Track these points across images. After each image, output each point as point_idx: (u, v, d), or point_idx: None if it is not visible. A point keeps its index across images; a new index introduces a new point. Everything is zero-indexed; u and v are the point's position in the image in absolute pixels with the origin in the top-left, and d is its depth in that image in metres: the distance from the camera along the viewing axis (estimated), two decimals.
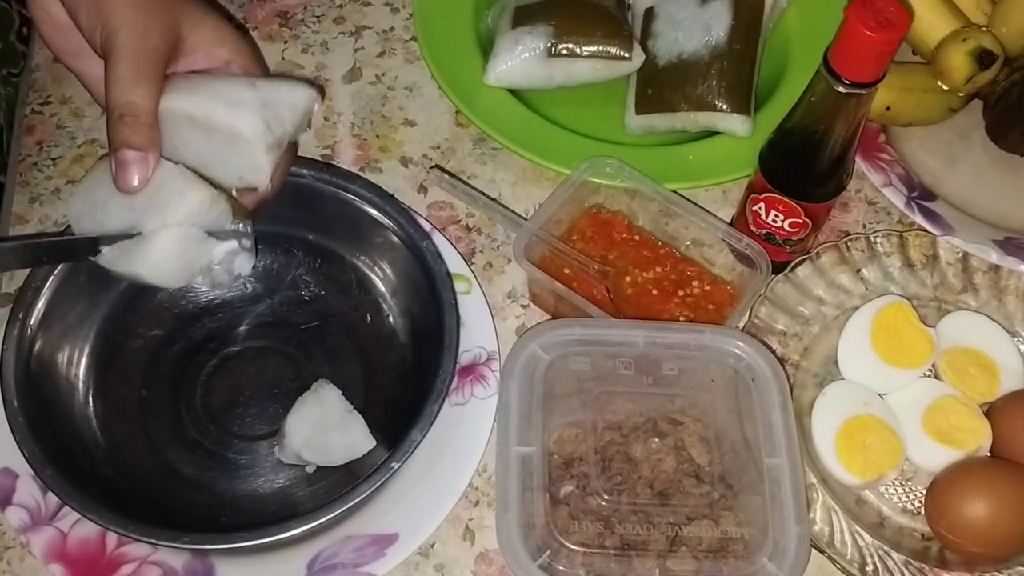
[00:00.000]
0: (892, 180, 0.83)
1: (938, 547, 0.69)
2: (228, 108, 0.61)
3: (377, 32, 0.95)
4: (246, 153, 0.62)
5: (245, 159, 0.62)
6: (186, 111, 0.61)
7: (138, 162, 0.59)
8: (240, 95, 0.62)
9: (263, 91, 0.62)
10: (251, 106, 0.61)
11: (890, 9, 0.61)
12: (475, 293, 0.77)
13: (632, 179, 0.78)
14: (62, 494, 0.61)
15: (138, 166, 0.59)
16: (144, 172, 0.59)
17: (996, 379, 0.73)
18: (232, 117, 0.61)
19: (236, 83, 0.63)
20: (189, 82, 0.62)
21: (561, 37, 0.85)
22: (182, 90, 0.61)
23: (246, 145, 0.61)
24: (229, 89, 0.62)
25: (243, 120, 0.61)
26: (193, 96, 0.61)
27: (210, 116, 0.61)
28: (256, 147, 0.62)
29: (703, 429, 0.68)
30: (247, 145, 0.61)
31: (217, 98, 0.61)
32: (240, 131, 0.61)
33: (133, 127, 0.59)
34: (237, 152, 0.62)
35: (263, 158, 0.62)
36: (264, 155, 0.62)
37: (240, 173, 0.63)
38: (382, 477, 0.62)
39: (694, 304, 0.76)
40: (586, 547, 0.62)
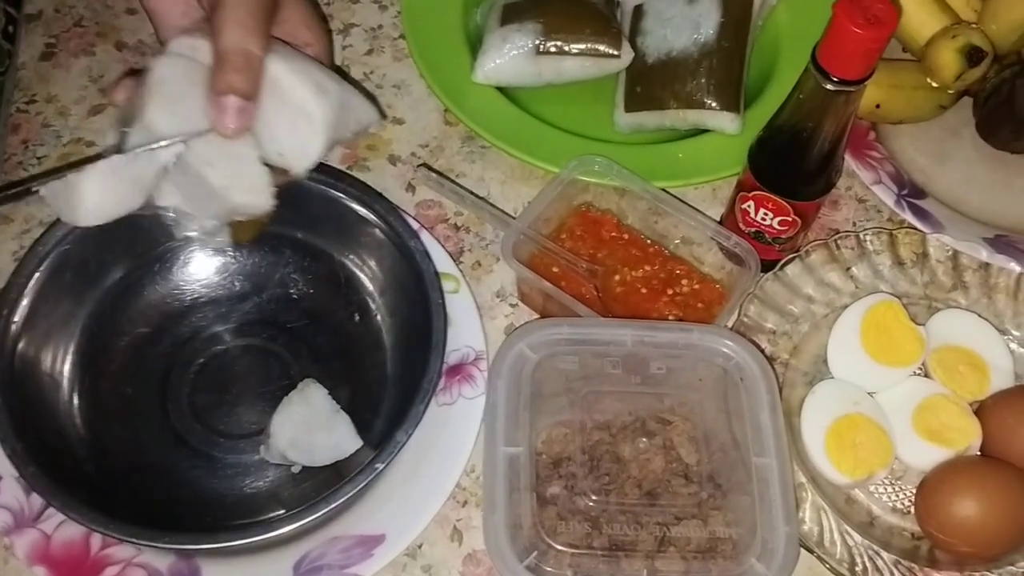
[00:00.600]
0: (882, 178, 0.83)
1: (928, 546, 0.69)
2: (314, 89, 0.61)
3: (365, 30, 0.94)
4: (305, 136, 0.62)
5: (300, 140, 0.62)
6: (275, 74, 0.61)
7: (240, 110, 0.59)
8: (328, 86, 0.62)
9: (346, 93, 0.64)
10: (333, 99, 0.62)
11: (878, 6, 0.60)
12: (463, 292, 0.76)
13: (621, 177, 0.78)
14: (44, 492, 0.61)
15: (239, 114, 0.59)
16: (243, 121, 0.59)
17: (986, 377, 0.73)
18: (314, 98, 0.61)
19: (328, 74, 0.63)
20: (286, 49, 0.62)
21: (549, 35, 0.84)
22: (278, 54, 0.61)
23: (311, 129, 0.62)
24: (321, 76, 0.62)
25: (322, 106, 0.61)
26: (287, 64, 0.61)
27: (294, 88, 0.61)
28: (319, 135, 0.62)
29: (692, 428, 0.68)
30: (312, 130, 0.62)
31: (308, 76, 0.61)
32: (314, 114, 0.61)
33: (244, 73, 0.59)
34: (297, 131, 0.62)
35: (317, 147, 0.62)
36: (321, 147, 0.62)
37: (285, 150, 0.62)
38: (367, 478, 0.62)
39: (683, 303, 0.76)
40: (574, 548, 0.62)
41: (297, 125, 0.62)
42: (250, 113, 0.60)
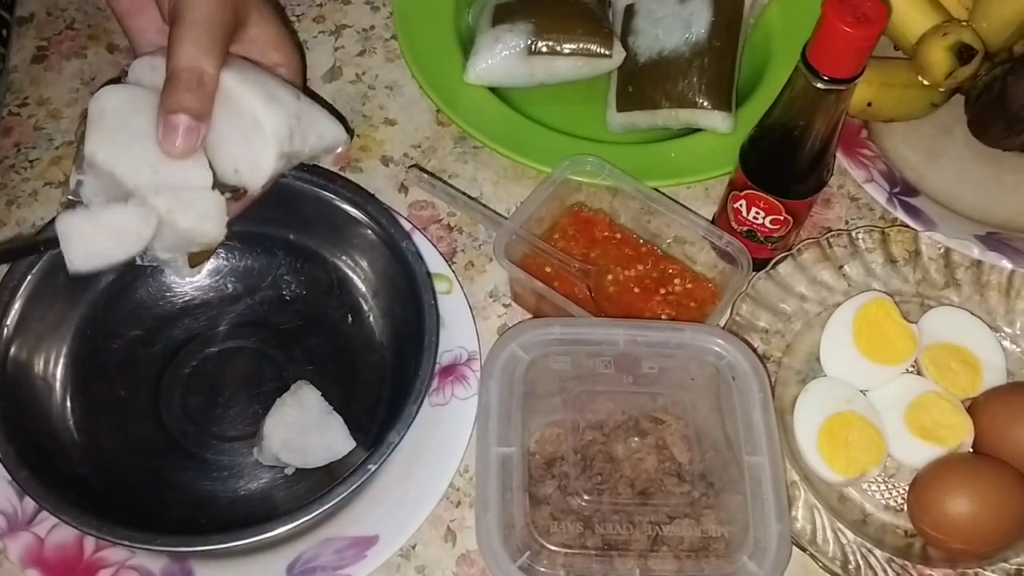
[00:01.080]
0: (874, 176, 0.83)
1: (921, 544, 0.69)
2: (265, 100, 0.60)
3: (357, 31, 0.94)
4: (257, 148, 0.61)
5: (253, 154, 0.61)
6: (227, 87, 0.60)
7: (190, 130, 0.58)
8: (282, 96, 0.62)
9: (304, 106, 0.63)
10: (286, 110, 0.61)
11: (867, 4, 0.60)
12: (456, 293, 0.76)
13: (613, 177, 0.78)
14: (36, 496, 0.61)
15: (187, 134, 0.58)
16: (191, 143, 0.58)
17: (978, 375, 0.73)
18: (264, 109, 0.60)
19: (284, 87, 0.63)
20: (242, 63, 0.62)
21: (541, 35, 0.84)
22: (231, 66, 0.61)
23: (262, 141, 0.61)
24: (276, 87, 0.62)
25: (272, 116, 0.60)
26: (239, 75, 0.61)
27: (244, 98, 0.60)
28: (269, 147, 0.61)
29: (684, 428, 0.68)
30: (263, 141, 0.61)
31: (260, 87, 0.61)
32: (263, 124, 0.60)
33: (196, 93, 0.58)
34: (249, 144, 0.61)
35: (270, 160, 0.61)
36: (272, 158, 0.61)
37: (239, 166, 0.61)
38: (359, 479, 0.62)
39: (676, 302, 0.76)
40: (567, 547, 0.62)
41: (249, 136, 0.61)
42: (199, 134, 0.59)
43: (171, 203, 0.60)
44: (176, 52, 0.58)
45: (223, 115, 0.60)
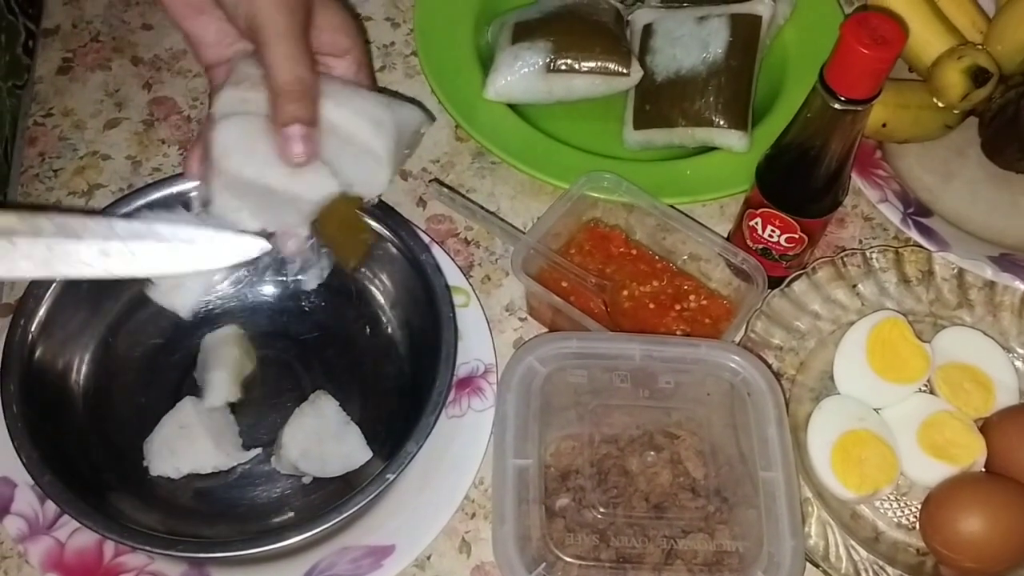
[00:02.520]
0: (888, 196, 0.84)
1: (933, 562, 0.69)
2: (372, 128, 0.64)
3: (378, 47, 0.95)
4: (372, 170, 0.65)
5: (367, 174, 0.65)
6: (332, 120, 0.63)
7: (306, 137, 0.61)
8: (380, 116, 0.65)
9: (396, 113, 0.66)
10: (389, 129, 0.65)
11: (885, 27, 0.61)
12: (473, 306, 0.77)
13: (630, 194, 0.78)
14: (59, 500, 0.62)
15: (306, 141, 0.61)
16: (311, 147, 0.61)
17: (991, 395, 0.73)
18: (375, 138, 0.64)
19: (376, 102, 0.65)
20: (334, 89, 0.64)
21: (560, 53, 0.85)
22: (328, 97, 0.63)
23: (377, 165, 0.65)
24: (371, 107, 0.65)
25: (382, 142, 0.64)
26: (340, 107, 0.63)
27: (355, 131, 0.64)
28: (385, 168, 0.65)
29: (699, 443, 0.68)
30: (378, 165, 0.65)
31: (363, 115, 0.64)
32: (378, 152, 0.64)
33: (303, 102, 0.61)
34: (363, 166, 0.65)
35: (384, 177, 0.66)
36: (387, 176, 0.66)
37: (352, 183, 0.65)
38: (377, 488, 0.62)
39: (691, 318, 0.77)
40: (582, 560, 0.63)
41: (364, 161, 0.64)
42: (315, 138, 0.62)
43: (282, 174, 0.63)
44: (273, 70, 0.60)
45: (332, 142, 0.63)
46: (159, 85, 0.91)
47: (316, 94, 0.62)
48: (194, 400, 0.71)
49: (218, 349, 0.73)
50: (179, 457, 0.68)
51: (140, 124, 0.89)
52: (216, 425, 0.70)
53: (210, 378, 0.72)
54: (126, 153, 0.87)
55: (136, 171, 0.86)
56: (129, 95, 0.91)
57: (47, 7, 0.96)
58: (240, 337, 0.74)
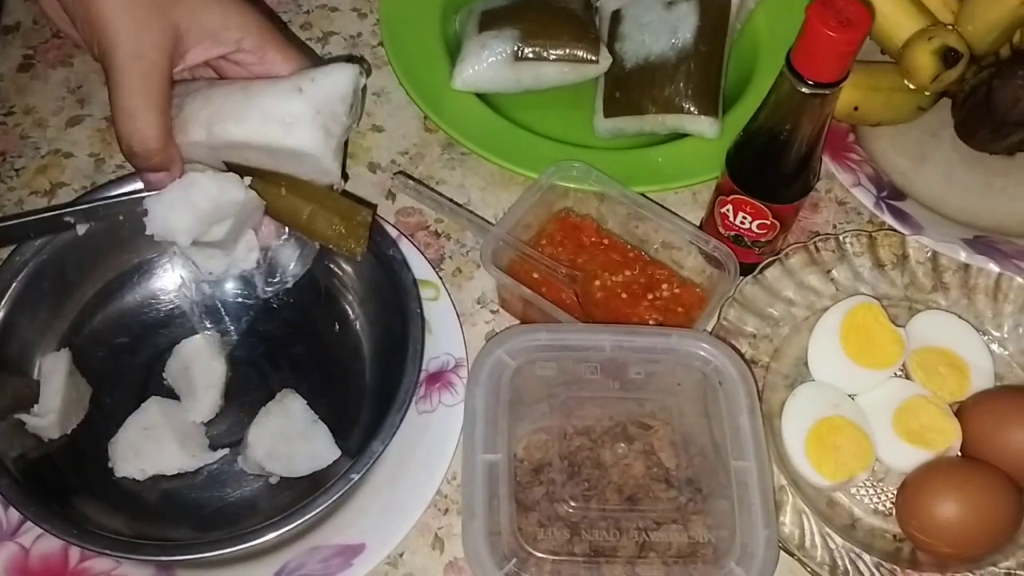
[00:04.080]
0: (861, 180, 0.83)
1: (910, 548, 0.69)
2: (284, 129, 0.61)
3: (344, 38, 0.94)
4: (313, 163, 0.63)
5: (313, 167, 0.63)
6: (243, 140, 0.61)
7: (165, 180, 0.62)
8: (291, 109, 0.61)
9: (311, 94, 0.61)
10: (305, 119, 0.61)
11: (851, 8, 0.60)
12: (443, 299, 0.76)
13: (600, 183, 0.78)
14: (18, 504, 0.61)
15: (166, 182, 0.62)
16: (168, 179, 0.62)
17: (966, 378, 0.73)
18: (292, 138, 0.61)
19: (283, 93, 0.61)
20: (231, 101, 0.61)
21: (527, 41, 0.84)
22: (229, 117, 0.60)
23: (312, 159, 0.62)
24: (277, 103, 0.61)
25: (303, 138, 0.61)
26: (244, 123, 0.61)
27: (269, 142, 0.61)
28: (323, 158, 0.62)
29: (671, 433, 0.68)
30: (313, 159, 0.62)
31: (270, 120, 0.60)
32: (303, 150, 0.61)
33: (145, 158, 0.60)
34: (304, 163, 0.63)
35: (330, 164, 0.63)
36: (331, 161, 0.63)
37: (310, 177, 0.64)
38: (342, 488, 0.61)
39: (663, 307, 0.76)
40: (554, 554, 0.62)
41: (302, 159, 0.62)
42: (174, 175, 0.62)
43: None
44: (115, 120, 0.59)
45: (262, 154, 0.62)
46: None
47: (161, 144, 0.60)
48: (159, 401, 0.70)
49: (201, 361, 0.72)
50: (144, 458, 0.67)
51: (103, 120, 0.88)
52: (182, 426, 0.69)
53: (199, 394, 0.71)
54: (89, 151, 0.86)
55: (99, 168, 0.85)
56: (92, 91, 0.89)
57: (7, 4, 0.95)
58: (218, 345, 0.73)
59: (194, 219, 0.62)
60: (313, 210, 0.65)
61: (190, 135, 0.62)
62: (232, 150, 0.62)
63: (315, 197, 0.65)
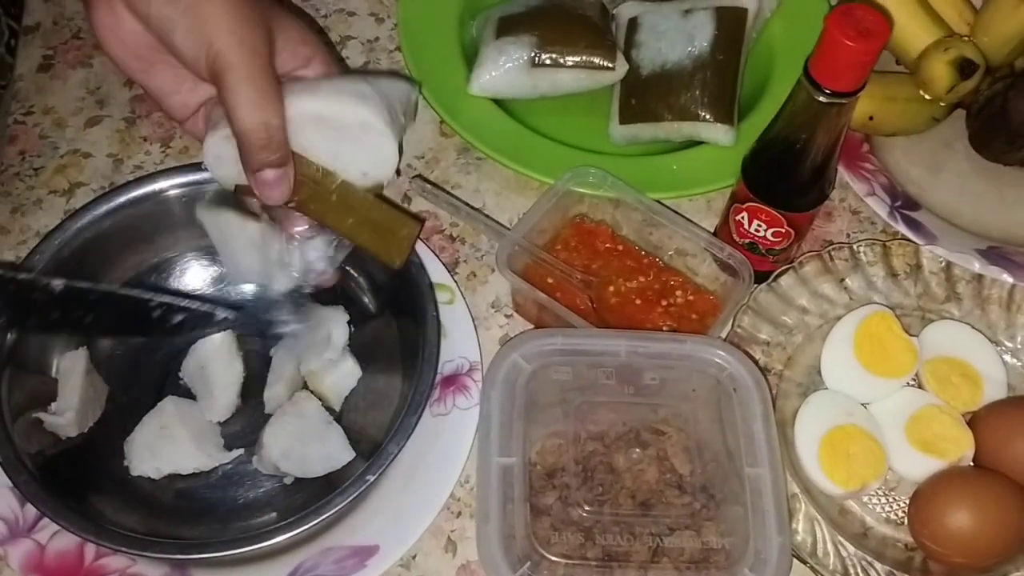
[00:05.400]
0: (875, 190, 0.83)
1: (921, 557, 0.69)
2: (357, 101, 0.61)
3: (362, 42, 0.95)
4: (376, 144, 0.62)
5: (372, 152, 0.62)
6: (316, 111, 0.61)
7: (280, 179, 0.61)
8: (362, 89, 0.62)
9: (378, 85, 0.63)
10: (376, 99, 0.62)
11: (870, 18, 0.61)
12: (458, 303, 0.76)
13: (616, 189, 0.78)
14: (36, 500, 0.61)
15: (280, 183, 0.61)
16: (284, 188, 0.61)
17: (979, 388, 0.73)
18: (364, 109, 0.61)
19: (353, 79, 0.63)
20: (305, 84, 0.62)
21: (545, 47, 0.85)
22: (304, 91, 0.61)
23: (378, 136, 0.62)
24: (350, 85, 0.62)
25: (374, 111, 0.61)
26: (318, 96, 0.61)
27: (342, 111, 0.61)
28: (387, 137, 0.62)
29: (685, 439, 0.68)
30: (379, 136, 0.62)
31: (343, 93, 0.61)
32: (373, 122, 0.61)
33: (270, 148, 0.59)
34: (364, 146, 0.62)
35: (391, 148, 0.62)
36: (393, 145, 0.62)
37: (365, 168, 0.63)
38: (357, 489, 0.62)
39: (677, 314, 0.76)
40: (567, 558, 0.62)
41: (364, 139, 0.62)
42: (288, 176, 0.61)
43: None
44: (237, 113, 0.58)
45: (325, 135, 0.62)
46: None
47: (282, 135, 0.60)
48: (176, 400, 0.71)
49: (218, 361, 0.72)
50: (160, 457, 0.68)
51: (122, 121, 0.88)
52: (198, 425, 0.70)
53: (216, 394, 0.71)
54: (107, 151, 0.86)
55: (118, 169, 0.85)
56: (111, 92, 0.90)
57: (28, 4, 0.96)
58: (235, 344, 0.74)
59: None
60: (358, 220, 0.65)
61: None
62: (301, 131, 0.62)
63: (364, 205, 0.65)
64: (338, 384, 0.72)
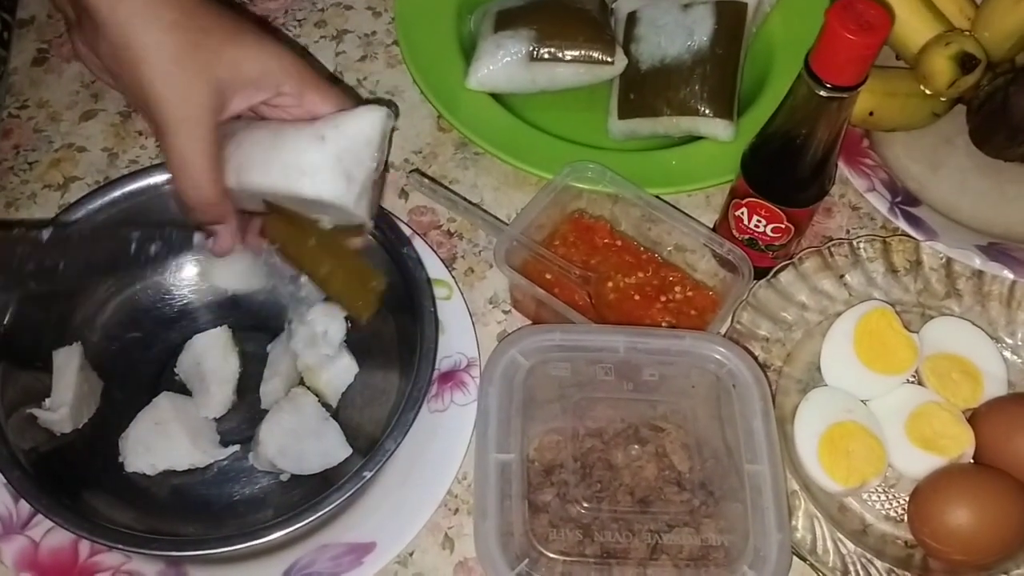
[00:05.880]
0: (876, 185, 0.83)
1: (921, 555, 0.68)
2: (304, 179, 0.61)
3: (359, 36, 0.94)
4: (337, 211, 0.63)
5: (338, 213, 0.63)
6: (266, 190, 0.62)
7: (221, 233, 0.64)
8: (311, 159, 0.61)
9: (333, 141, 0.61)
10: (326, 166, 0.61)
11: (871, 12, 0.60)
12: (456, 299, 0.76)
13: (614, 184, 0.77)
14: (29, 496, 0.61)
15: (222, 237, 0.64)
16: (231, 239, 0.65)
17: (979, 385, 0.73)
18: (314, 187, 0.61)
19: (305, 142, 0.61)
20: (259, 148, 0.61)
21: (543, 41, 0.84)
22: (254, 167, 0.61)
23: (333, 207, 0.62)
24: (298, 155, 0.61)
25: (324, 187, 0.61)
26: (267, 175, 0.61)
27: (292, 191, 0.61)
28: (345, 206, 0.62)
29: (684, 436, 0.67)
30: (335, 207, 0.62)
31: (291, 171, 0.61)
32: (324, 198, 0.61)
33: (203, 211, 0.62)
34: (328, 209, 0.63)
35: (353, 210, 0.62)
36: (354, 207, 0.62)
37: (336, 222, 0.65)
38: (354, 486, 0.61)
39: (676, 310, 0.76)
40: (565, 555, 0.62)
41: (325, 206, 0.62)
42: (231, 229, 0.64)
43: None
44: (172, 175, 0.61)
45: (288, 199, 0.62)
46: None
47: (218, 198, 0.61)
48: (171, 396, 0.70)
49: (214, 357, 0.72)
50: (155, 453, 0.67)
51: (117, 116, 0.88)
52: (193, 421, 0.69)
53: (212, 390, 0.71)
54: (102, 145, 0.86)
55: (113, 163, 0.85)
56: (105, 87, 0.89)
57: None
58: (231, 340, 0.73)
59: None
60: (333, 268, 0.66)
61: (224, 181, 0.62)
62: (263, 196, 0.63)
63: (339, 255, 0.66)
64: (335, 380, 0.72)
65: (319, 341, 0.71)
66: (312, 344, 0.71)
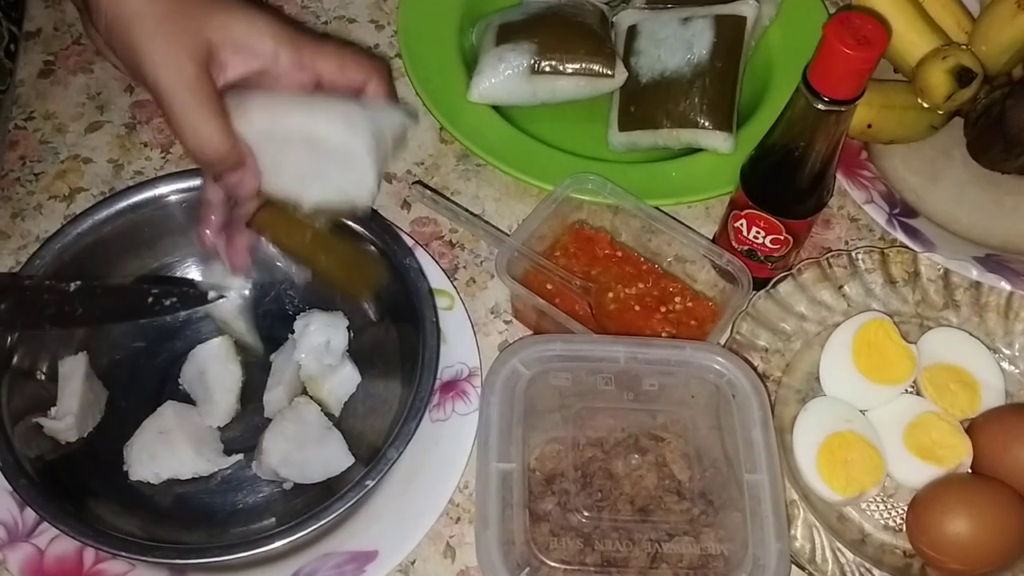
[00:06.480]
0: (874, 197, 0.84)
1: (920, 564, 0.69)
2: (346, 127, 0.63)
3: (362, 49, 0.95)
4: (358, 171, 0.64)
5: (354, 176, 0.64)
6: (306, 130, 0.63)
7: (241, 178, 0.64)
8: (353, 115, 0.63)
9: (371, 113, 0.64)
10: (365, 127, 0.63)
11: (868, 27, 0.61)
12: (457, 309, 0.77)
13: (615, 195, 0.78)
14: (35, 504, 0.61)
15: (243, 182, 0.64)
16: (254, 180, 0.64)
17: (977, 395, 0.73)
18: (350, 137, 0.63)
19: (347, 102, 0.64)
20: (296, 97, 0.63)
21: (544, 54, 0.85)
22: (296, 107, 0.63)
23: (361, 164, 0.63)
24: (342, 105, 0.63)
25: (360, 141, 0.63)
26: (310, 113, 0.63)
27: (329, 133, 0.63)
28: (370, 167, 0.64)
29: (684, 445, 0.68)
30: (363, 164, 0.63)
31: (335, 118, 0.63)
32: (358, 152, 0.63)
33: (219, 162, 0.62)
34: (347, 170, 0.64)
35: (372, 177, 0.64)
36: (373, 174, 0.64)
37: (343, 188, 0.65)
38: (357, 495, 0.62)
39: (676, 320, 0.76)
40: (566, 564, 0.62)
41: (347, 165, 0.63)
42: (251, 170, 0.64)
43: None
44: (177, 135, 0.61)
45: (307, 155, 0.63)
46: (142, 88, 0.90)
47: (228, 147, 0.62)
48: (175, 405, 0.71)
49: (217, 366, 0.73)
50: (159, 462, 0.68)
51: (122, 127, 0.88)
52: (197, 430, 0.70)
53: (215, 399, 0.71)
54: (108, 156, 0.87)
55: (118, 174, 0.85)
56: (111, 98, 0.90)
57: (29, 10, 0.96)
58: (234, 349, 0.74)
59: None
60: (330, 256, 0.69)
61: (253, 123, 0.63)
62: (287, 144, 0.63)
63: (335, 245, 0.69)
64: (337, 389, 0.73)
65: (322, 351, 0.71)
66: (315, 354, 0.71)
